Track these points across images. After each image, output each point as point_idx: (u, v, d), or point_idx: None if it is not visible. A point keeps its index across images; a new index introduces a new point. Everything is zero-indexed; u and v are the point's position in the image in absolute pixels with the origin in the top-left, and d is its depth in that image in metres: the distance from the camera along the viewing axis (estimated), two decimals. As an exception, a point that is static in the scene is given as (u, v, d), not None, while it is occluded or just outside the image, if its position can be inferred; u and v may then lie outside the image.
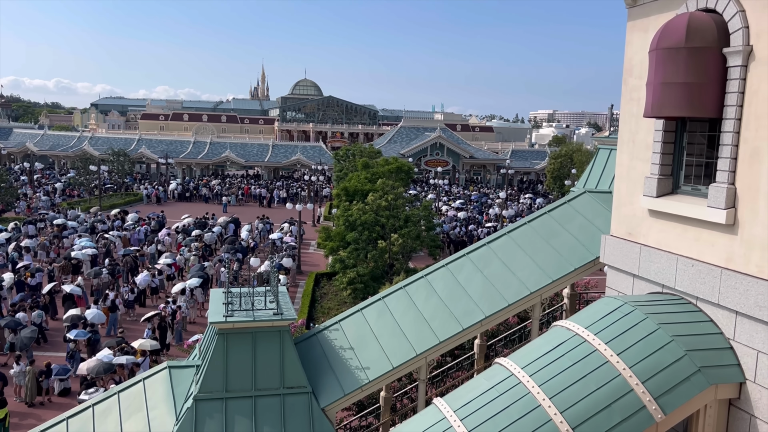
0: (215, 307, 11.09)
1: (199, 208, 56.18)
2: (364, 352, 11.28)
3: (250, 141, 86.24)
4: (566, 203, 12.77)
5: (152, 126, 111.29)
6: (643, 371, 7.51)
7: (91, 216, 45.54)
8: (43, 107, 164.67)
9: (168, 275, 31.73)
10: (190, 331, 25.39)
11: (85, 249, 33.45)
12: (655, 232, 9.13)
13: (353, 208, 30.60)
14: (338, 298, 28.87)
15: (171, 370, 11.07)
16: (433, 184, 71.53)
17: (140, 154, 76.70)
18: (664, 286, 8.94)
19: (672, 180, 8.97)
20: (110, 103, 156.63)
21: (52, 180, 68.29)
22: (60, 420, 10.69)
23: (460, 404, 8.26)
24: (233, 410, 10.25)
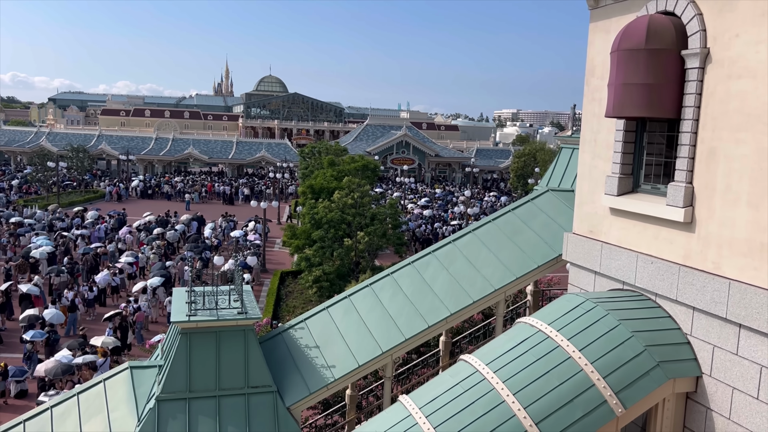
0: (178, 306, 10.94)
1: (161, 205, 55.30)
2: (329, 351, 11.26)
3: (213, 138, 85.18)
4: (530, 201, 12.93)
5: (113, 122, 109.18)
6: (605, 366, 7.66)
7: (48, 214, 44.45)
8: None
9: (129, 274, 31.18)
10: (152, 330, 24.99)
11: (42, 247, 32.64)
12: (616, 230, 9.31)
13: (319, 206, 30.49)
14: (304, 297, 28.74)
15: (132, 370, 10.89)
16: (399, 182, 71.68)
17: (100, 150, 75.15)
18: (624, 283, 9.12)
19: (632, 179, 9.15)
20: (69, 98, 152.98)
21: (7, 177, 66.43)
22: (17, 423, 10.42)
23: (425, 401, 8.30)
24: (197, 410, 10.13)
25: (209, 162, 79.12)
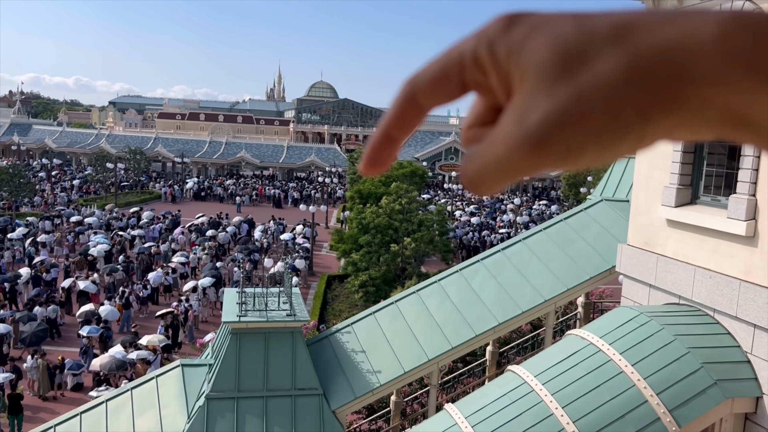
0: (229, 306, 11.14)
1: (213, 207, 56.47)
2: (375, 356, 11.28)
3: (265, 142, 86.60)
4: (583, 211, 12.71)
5: (169, 125, 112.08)
6: (658, 383, 7.45)
7: (106, 213, 45.91)
8: (63, 104, 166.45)
9: (181, 273, 31.89)
10: (202, 330, 25.49)
11: (99, 246, 33.70)
12: (672, 243, 9.06)
13: (367, 211, 30.63)
14: (349, 301, 28.87)
15: (184, 368, 11.13)
16: (446, 188, 71.43)
17: (156, 152, 77.24)
18: (681, 297, 8.86)
19: (691, 190, 8.90)
20: (128, 101, 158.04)
21: (68, 177, 68.94)
22: (74, 414, 10.77)
23: (471, 411, 8.24)
24: (244, 410, 10.28)
25: (260, 166, 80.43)
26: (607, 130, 0.45)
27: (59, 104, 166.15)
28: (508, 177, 0.50)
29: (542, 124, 0.46)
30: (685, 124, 0.45)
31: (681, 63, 0.42)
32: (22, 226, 38.18)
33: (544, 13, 0.49)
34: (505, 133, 0.48)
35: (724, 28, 0.42)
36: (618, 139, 0.45)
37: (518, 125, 0.47)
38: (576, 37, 0.46)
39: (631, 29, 0.45)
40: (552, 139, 0.46)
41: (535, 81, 0.47)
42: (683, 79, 0.43)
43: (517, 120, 0.47)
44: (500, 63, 0.49)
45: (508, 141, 0.48)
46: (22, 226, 38.18)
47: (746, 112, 0.42)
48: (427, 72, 0.54)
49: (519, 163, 0.48)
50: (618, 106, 0.44)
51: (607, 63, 0.44)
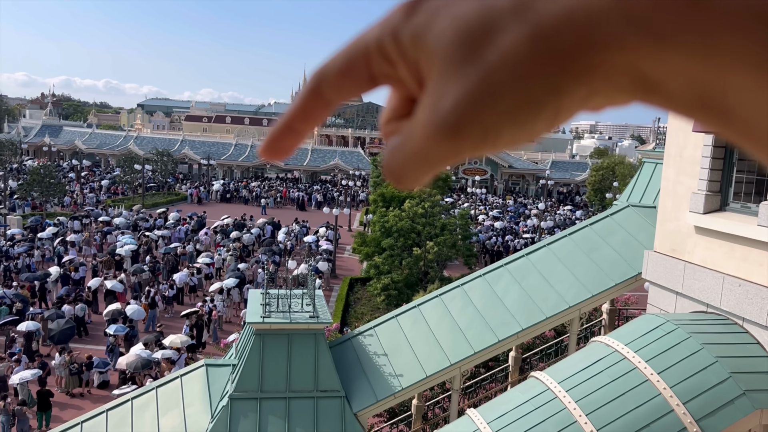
0: (253, 307, 11.23)
1: (239, 209, 56.91)
2: (397, 359, 11.28)
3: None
4: (608, 216, 12.59)
5: (195, 127, 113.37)
6: (685, 392, 7.35)
7: (134, 214, 46.54)
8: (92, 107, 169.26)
9: (206, 274, 32.20)
10: (226, 330, 25.70)
11: (126, 246, 34.18)
12: (700, 250, 8.93)
13: (389, 215, 30.65)
14: (372, 304, 28.90)
15: (208, 368, 11.24)
16: (470, 192, 71.17)
17: (183, 154, 78.13)
18: (708, 306, 8.73)
19: (720, 197, 8.77)
20: (156, 104, 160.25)
21: (97, 177, 70.04)
22: (100, 412, 10.94)
23: (494, 416, 8.20)
24: (267, 410, 10.35)
25: (285, 168, 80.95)
26: (520, 107, 0.44)
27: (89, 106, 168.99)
28: (430, 167, 0.50)
29: (455, 108, 0.45)
30: (598, 92, 0.43)
31: (584, 30, 0.41)
32: (51, 225, 38.88)
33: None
34: (422, 123, 0.47)
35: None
36: (533, 114, 0.44)
37: (432, 112, 0.46)
38: (478, 15, 0.45)
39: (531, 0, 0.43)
40: (467, 123, 0.45)
41: (444, 65, 0.46)
42: (589, 46, 0.41)
43: (431, 107, 0.47)
44: (406, 51, 0.48)
45: (425, 130, 0.47)
46: (52, 225, 38.87)
47: (655, 76, 0.41)
48: (332, 64, 0.52)
49: (438, 151, 0.47)
50: (528, 81, 0.43)
51: (511, 37, 0.43)
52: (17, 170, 66.85)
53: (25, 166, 68.04)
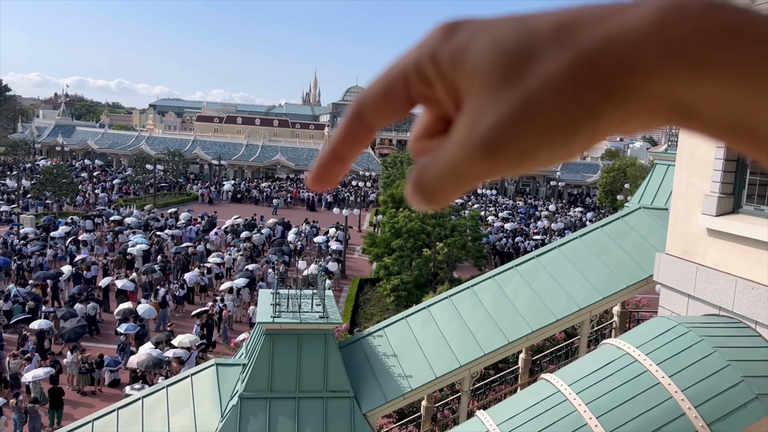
0: (263, 307, 11.26)
1: (249, 209, 57.11)
2: (407, 360, 11.27)
3: (300, 145, 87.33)
4: (620, 219, 12.53)
5: (207, 128, 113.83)
6: (696, 395, 7.30)
7: (145, 213, 46.79)
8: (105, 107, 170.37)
9: (216, 274, 32.33)
10: (236, 330, 25.79)
11: (138, 245, 34.37)
12: (713, 252, 8.87)
13: (399, 215, 30.64)
14: (381, 305, 28.90)
15: (218, 367, 11.28)
16: (480, 194, 71.04)
17: (194, 155, 78.48)
18: (720, 309, 8.67)
19: (733, 199, 8.71)
20: (168, 104, 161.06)
21: (109, 177, 70.49)
22: (111, 410, 11.01)
23: (503, 418, 8.18)
24: (277, 410, 10.37)
25: (295, 169, 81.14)
26: (558, 130, 0.45)
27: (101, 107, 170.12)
28: (463, 185, 0.51)
29: (494, 128, 0.46)
30: (633, 116, 0.45)
31: (622, 56, 0.43)
32: (64, 224, 39.17)
33: (483, 18, 0.49)
34: (458, 141, 0.48)
35: (660, 17, 0.42)
36: (570, 137, 0.45)
37: (471, 131, 0.47)
38: (518, 39, 0.46)
39: (572, 26, 0.45)
40: (505, 143, 0.46)
41: (483, 86, 0.47)
42: (626, 72, 0.43)
43: (469, 127, 0.48)
44: (444, 72, 0.49)
45: (462, 148, 0.48)
46: (64, 224, 39.16)
47: (691, 102, 0.42)
48: (373, 90, 0.53)
49: (474, 169, 0.48)
50: (567, 105, 0.44)
51: (552, 62, 0.44)
52: (30, 170, 67.38)
53: (38, 166, 68.57)
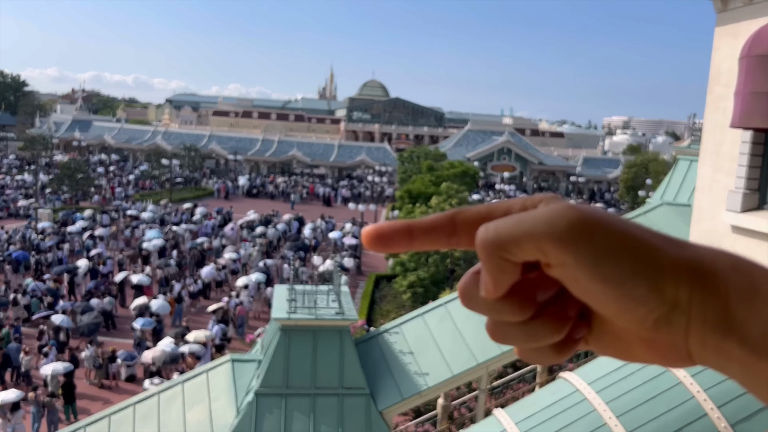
0: (279, 303, 11.21)
1: (265, 204, 57.26)
2: (423, 358, 11.17)
3: (316, 141, 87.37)
4: (642, 215, 12.33)
5: (223, 122, 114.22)
6: (719, 396, 7.14)
7: (161, 208, 47.03)
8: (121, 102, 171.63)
9: (232, 269, 32.41)
10: (252, 326, 25.84)
11: (153, 240, 34.52)
12: (738, 249, 8.63)
13: (416, 211, 30.53)
14: (397, 301, 28.81)
15: (234, 363, 11.25)
16: (498, 189, 70.67)
17: (211, 150, 78.77)
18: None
19: (759, 195, 8.50)
20: (184, 99, 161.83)
21: (126, 173, 70.98)
22: (128, 405, 11.03)
23: (521, 417, 8.08)
24: (292, 407, 10.32)
25: (311, 164, 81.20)
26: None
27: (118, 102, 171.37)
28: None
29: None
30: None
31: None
32: (81, 219, 39.47)
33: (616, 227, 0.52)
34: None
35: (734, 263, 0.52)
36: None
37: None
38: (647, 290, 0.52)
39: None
40: None
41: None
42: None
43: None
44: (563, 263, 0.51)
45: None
46: (82, 219, 39.46)
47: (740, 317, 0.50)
48: (507, 234, 0.52)
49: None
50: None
51: (674, 328, 0.52)
52: (47, 165, 68.03)
53: (54, 161, 69.18)
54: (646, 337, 0.52)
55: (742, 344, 0.48)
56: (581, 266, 0.49)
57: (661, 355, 0.53)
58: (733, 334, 0.49)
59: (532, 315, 0.54)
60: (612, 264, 0.49)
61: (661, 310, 0.50)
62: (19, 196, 50.74)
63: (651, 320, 0.51)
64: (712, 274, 0.50)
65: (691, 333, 0.50)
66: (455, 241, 0.57)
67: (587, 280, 0.50)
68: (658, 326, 0.51)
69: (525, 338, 0.55)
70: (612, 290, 0.50)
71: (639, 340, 0.53)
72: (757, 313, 0.48)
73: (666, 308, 0.50)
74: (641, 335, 0.52)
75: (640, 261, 0.50)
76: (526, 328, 0.54)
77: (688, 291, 0.50)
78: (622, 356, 0.56)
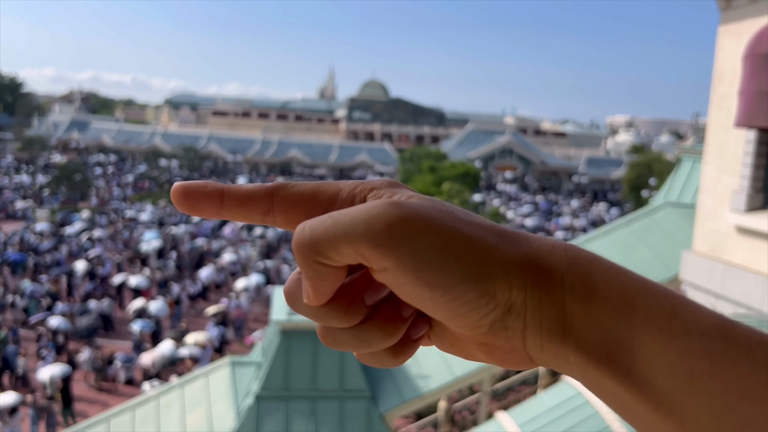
0: (279, 305, 11.11)
1: (264, 205, 57.14)
2: (425, 360, 11.08)
3: (316, 141, 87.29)
4: (645, 215, 12.24)
5: (222, 123, 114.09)
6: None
7: (159, 209, 46.94)
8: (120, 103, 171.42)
9: (231, 271, 32.30)
10: (252, 328, 25.74)
11: (151, 241, 34.41)
12: (742, 250, 8.58)
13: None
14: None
15: (233, 366, 11.15)
16: (500, 190, 70.57)
17: (209, 150, 78.67)
18: (749, 308, 8.38)
19: (763, 195, 8.41)
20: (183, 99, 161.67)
21: (124, 173, 70.87)
22: (127, 408, 10.92)
23: (524, 420, 8.00)
24: (293, 410, 10.22)
25: (311, 164, 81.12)
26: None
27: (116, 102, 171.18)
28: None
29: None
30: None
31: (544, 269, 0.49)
32: (79, 220, 39.37)
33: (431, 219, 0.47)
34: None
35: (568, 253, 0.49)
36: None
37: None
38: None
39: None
40: None
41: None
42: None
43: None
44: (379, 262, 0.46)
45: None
46: (79, 220, 39.36)
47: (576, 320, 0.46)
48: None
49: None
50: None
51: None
52: (45, 166, 67.91)
53: (52, 162, 69.04)
54: (483, 341, 0.48)
55: (579, 350, 0.44)
56: (404, 271, 0.45)
57: (501, 358, 0.49)
58: (569, 339, 0.45)
59: (362, 319, 0.49)
60: (437, 268, 0.44)
61: (494, 315, 0.46)
62: (17, 197, 50.66)
63: (485, 325, 0.46)
64: (547, 271, 0.46)
65: (528, 337, 0.46)
66: (271, 219, 0.53)
67: (411, 286, 0.45)
68: (493, 331, 0.47)
69: (357, 344, 0.50)
70: (440, 296, 0.45)
71: (477, 344, 0.49)
72: (593, 317, 0.44)
73: (500, 312, 0.46)
74: (478, 339, 0.48)
75: (468, 263, 0.45)
76: (356, 333, 0.49)
77: (522, 292, 0.46)
78: (463, 356, 0.53)
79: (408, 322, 0.50)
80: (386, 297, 0.50)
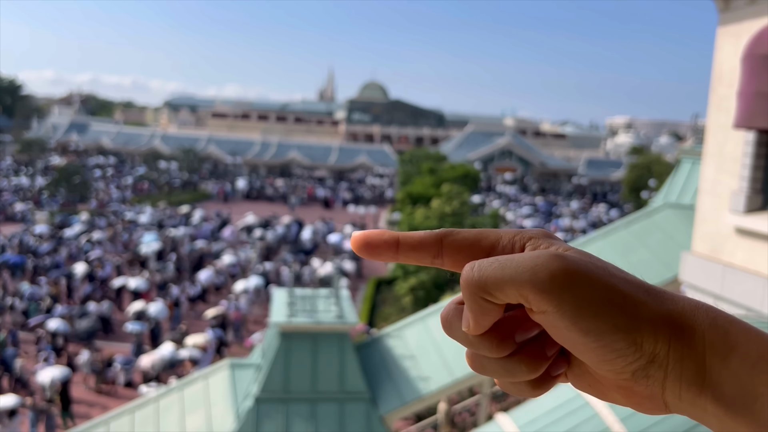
0: (278, 307, 11.10)
1: (264, 207, 57.16)
2: (425, 362, 11.07)
3: (316, 142, 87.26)
4: (645, 217, 12.23)
5: (221, 124, 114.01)
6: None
7: (159, 212, 46.90)
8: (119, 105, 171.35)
9: (231, 273, 32.27)
10: (251, 330, 25.71)
11: (151, 244, 34.37)
12: (741, 251, 8.57)
13: (417, 213, 30.44)
14: (398, 305, 28.68)
15: (233, 368, 11.14)
16: (499, 192, 70.56)
17: (209, 152, 78.60)
18: (749, 310, 8.37)
19: (762, 196, 8.41)
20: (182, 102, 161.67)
21: (123, 175, 70.79)
22: (126, 411, 10.91)
23: (524, 421, 7.99)
24: (293, 412, 10.21)
25: (311, 166, 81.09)
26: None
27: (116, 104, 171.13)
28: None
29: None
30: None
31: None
32: (78, 222, 39.33)
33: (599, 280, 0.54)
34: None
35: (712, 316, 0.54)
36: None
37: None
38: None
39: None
40: None
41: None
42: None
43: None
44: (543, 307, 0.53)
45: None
46: (79, 222, 39.33)
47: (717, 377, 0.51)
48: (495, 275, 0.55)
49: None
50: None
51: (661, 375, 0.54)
52: (45, 168, 67.87)
53: (51, 164, 68.97)
54: (623, 385, 0.54)
55: (717, 401, 0.50)
56: (561, 316, 0.51)
57: (638, 402, 0.55)
58: (707, 391, 0.50)
59: (510, 352, 0.56)
60: (592, 317, 0.51)
61: (639, 363, 0.52)
62: (16, 199, 50.64)
63: (629, 372, 0.52)
64: (690, 329, 0.52)
65: (667, 386, 0.52)
66: (439, 262, 0.60)
67: (567, 330, 0.52)
68: (635, 378, 0.53)
69: (502, 373, 0.57)
70: (591, 342, 0.51)
71: (616, 387, 0.55)
72: (731, 371, 0.50)
73: (644, 362, 0.52)
74: (619, 383, 0.54)
75: (620, 315, 0.51)
76: (503, 364, 0.56)
77: (666, 346, 0.52)
78: (599, 397, 0.58)
79: (550, 360, 0.56)
80: (533, 336, 0.56)
